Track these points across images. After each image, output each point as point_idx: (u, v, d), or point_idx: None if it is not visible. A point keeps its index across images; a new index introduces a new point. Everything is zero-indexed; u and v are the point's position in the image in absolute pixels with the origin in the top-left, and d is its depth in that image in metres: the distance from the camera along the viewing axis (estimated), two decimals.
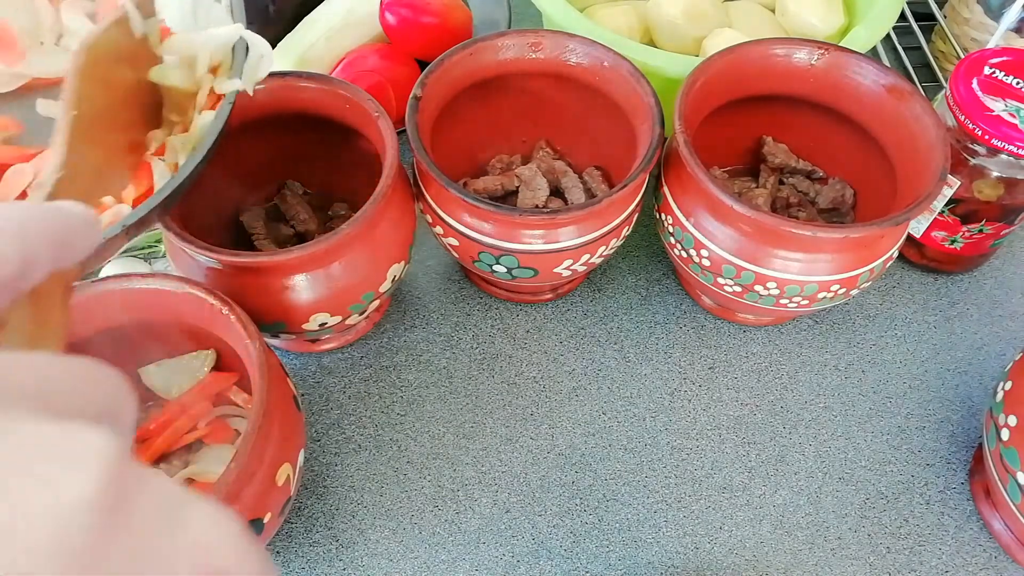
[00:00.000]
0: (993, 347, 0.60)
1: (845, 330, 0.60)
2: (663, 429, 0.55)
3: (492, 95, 0.58)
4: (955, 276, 0.63)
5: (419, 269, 0.63)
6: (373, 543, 0.51)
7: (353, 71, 0.66)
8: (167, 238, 0.49)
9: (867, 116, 0.55)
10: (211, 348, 0.50)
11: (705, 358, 0.59)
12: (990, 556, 0.51)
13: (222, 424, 0.49)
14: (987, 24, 0.72)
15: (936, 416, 0.56)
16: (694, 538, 0.51)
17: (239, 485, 0.39)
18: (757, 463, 0.54)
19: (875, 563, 0.50)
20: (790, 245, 0.48)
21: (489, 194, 0.59)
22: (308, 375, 0.57)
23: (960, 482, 0.54)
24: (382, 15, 0.67)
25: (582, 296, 0.62)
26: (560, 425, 0.55)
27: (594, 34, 0.57)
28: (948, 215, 0.57)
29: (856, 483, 0.53)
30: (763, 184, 0.61)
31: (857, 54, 0.54)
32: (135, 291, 0.45)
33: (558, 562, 0.50)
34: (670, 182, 0.53)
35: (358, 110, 0.51)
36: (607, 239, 0.52)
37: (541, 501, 0.52)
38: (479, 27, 0.71)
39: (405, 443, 0.55)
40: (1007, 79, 0.53)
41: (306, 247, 0.45)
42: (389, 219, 0.50)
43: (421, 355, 0.59)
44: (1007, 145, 0.51)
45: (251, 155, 0.55)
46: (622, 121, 0.55)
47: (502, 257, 0.51)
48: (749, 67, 0.55)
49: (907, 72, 0.77)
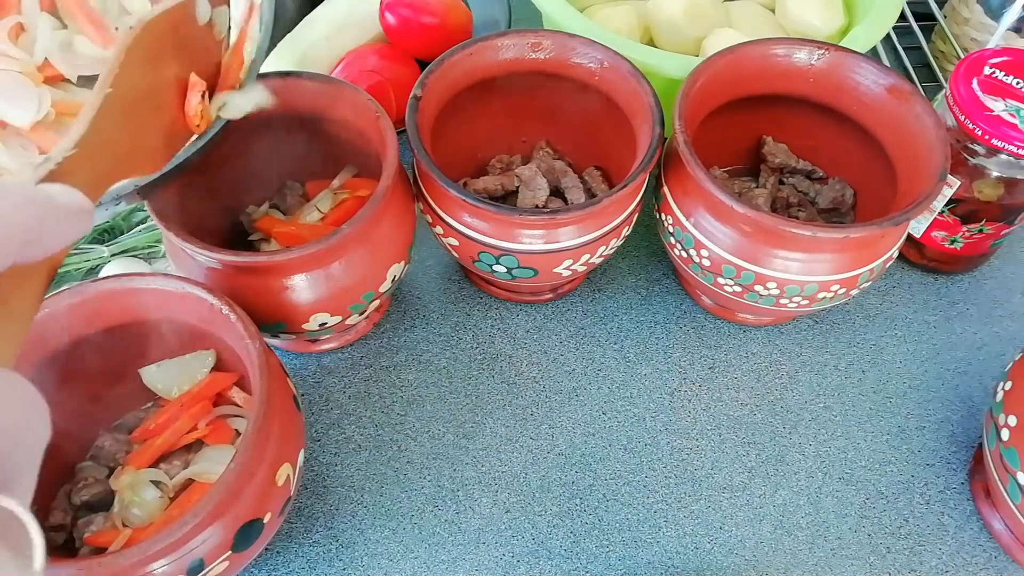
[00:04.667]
0: (993, 347, 0.60)
1: (845, 330, 0.60)
2: (663, 429, 0.55)
3: (492, 95, 0.58)
4: (955, 276, 0.63)
5: (419, 269, 0.63)
6: (373, 543, 0.51)
7: (353, 71, 0.66)
8: (167, 238, 0.49)
9: (867, 116, 0.55)
10: (211, 348, 0.50)
11: (705, 358, 0.59)
12: (990, 556, 0.51)
13: (222, 424, 0.49)
14: (987, 24, 0.72)
15: (936, 416, 0.56)
16: (694, 538, 0.51)
17: (239, 485, 0.39)
18: (757, 463, 0.54)
19: (875, 563, 0.50)
20: (790, 245, 0.48)
21: (489, 194, 0.59)
22: (308, 375, 0.57)
23: (960, 482, 0.54)
24: (382, 15, 0.67)
25: (582, 296, 0.62)
26: (560, 425, 0.55)
27: (594, 34, 0.57)
28: (948, 215, 0.57)
29: (856, 483, 0.53)
30: (763, 184, 0.61)
31: (857, 54, 0.54)
32: (135, 291, 0.45)
33: (558, 562, 0.50)
34: (670, 182, 0.53)
35: (358, 110, 0.51)
36: (607, 239, 0.52)
37: (541, 501, 0.52)
38: (479, 27, 0.71)
39: (405, 443, 0.55)
40: (1007, 79, 0.53)
41: (306, 247, 0.45)
42: (389, 219, 0.50)
43: (421, 355, 0.59)
44: (1007, 145, 0.51)
45: (251, 155, 0.55)
46: (622, 121, 0.55)
47: (502, 257, 0.51)
48: (749, 67, 0.55)
49: (907, 72, 0.77)
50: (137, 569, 0.37)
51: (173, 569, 0.38)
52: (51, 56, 0.47)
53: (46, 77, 0.47)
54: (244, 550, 0.41)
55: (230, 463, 0.39)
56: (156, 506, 0.45)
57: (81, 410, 0.48)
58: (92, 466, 0.48)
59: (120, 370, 0.49)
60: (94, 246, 0.61)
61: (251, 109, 0.41)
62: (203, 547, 0.39)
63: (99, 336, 0.46)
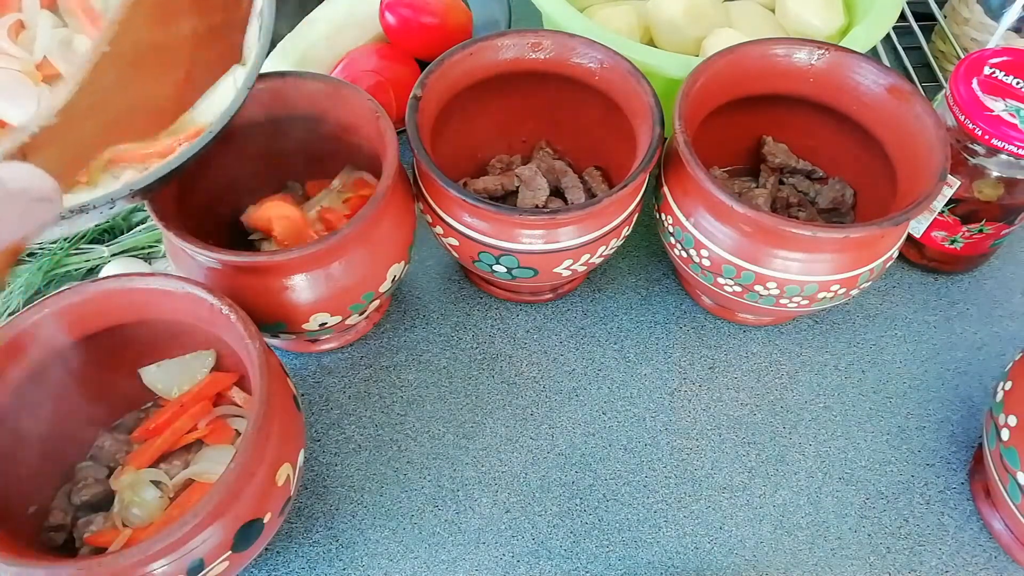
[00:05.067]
0: (993, 347, 0.60)
1: (845, 330, 0.60)
2: (663, 429, 0.55)
3: (492, 95, 0.58)
4: (955, 276, 0.63)
5: (419, 269, 0.63)
6: (373, 543, 0.51)
7: (353, 71, 0.66)
8: (167, 238, 0.49)
9: (867, 116, 0.55)
10: (211, 348, 0.50)
11: (705, 358, 0.59)
12: (990, 556, 0.51)
13: (222, 424, 0.49)
14: (987, 24, 0.72)
15: (936, 416, 0.56)
16: (694, 538, 0.51)
17: (239, 485, 0.39)
18: (757, 463, 0.54)
19: (875, 563, 0.50)
20: (790, 245, 0.48)
21: (489, 194, 0.59)
22: (308, 375, 0.57)
23: (960, 482, 0.54)
24: (382, 15, 0.67)
25: (582, 296, 0.62)
26: (560, 425, 0.55)
27: (594, 34, 0.57)
28: (948, 215, 0.57)
29: (856, 483, 0.53)
30: (763, 184, 0.61)
31: (857, 54, 0.54)
32: (135, 291, 0.45)
33: (558, 562, 0.50)
34: (670, 182, 0.53)
35: (358, 110, 0.51)
36: (607, 239, 0.52)
37: (541, 501, 0.52)
38: (479, 27, 0.71)
39: (405, 443, 0.55)
40: (1007, 79, 0.53)
41: (306, 247, 0.45)
42: (389, 219, 0.50)
43: (421, 355, 0.59)
44: (1007, 145, 0.51)
45: (251, 155, 0.55)
46: (622, 121, 0.55)
47: (502, 257, 0.51)
48: (749, 67, 0.55)
49: (907, 72, 0.77)
50: (137, 569, 0.37)
51: (173, 569, 0.38)
52: (50, 54, 0.47)
53: (45, 76, 0.47)
54: (244, 550, 0.41)
55: (230, 463, 0.39)
56: (156, 506, 0.46)
57: (81, 410, 0.48)
58: (92, 466, 0.48)
59: (120, 370, 0.49)
60: (94, 246, 0.61)
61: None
62: (203, 547, 0.39)
63: (99, 336, 0.46)
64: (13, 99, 0.45)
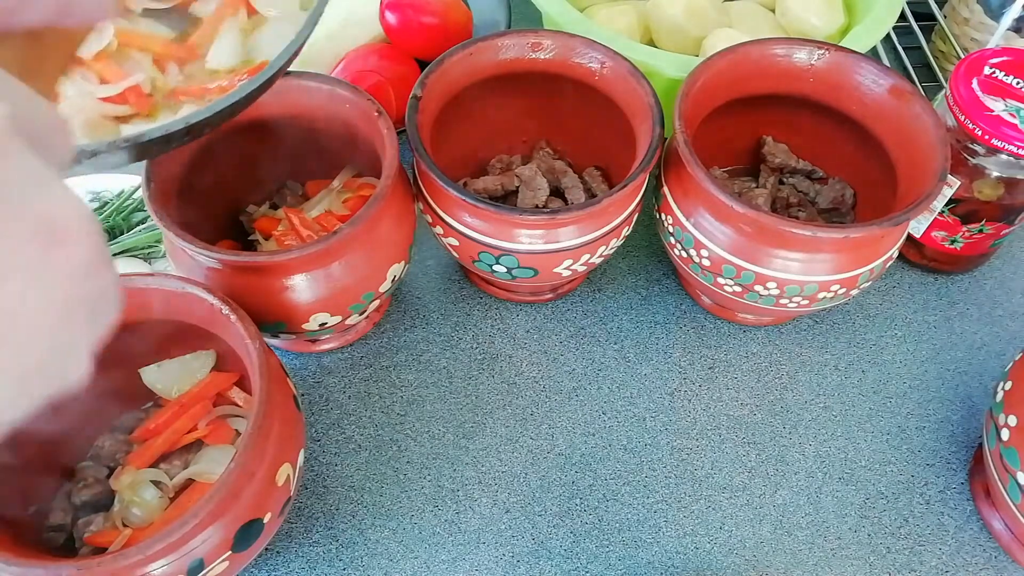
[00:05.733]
0: (993, 347, 0.60)
1: (845, 330, 0.60)
2: (663, 429, 0.55)
3: (492, 95, 0.58)
4: (955, 276, 0.63)
5: (419, 269, 0.63)
6: (373, 543, 0.51)
7: (353, 71, 0.66)
8: (167, 238, 0.49)
9: (867, 116, 0.55)
10: (211, 348, 0.50)
11: (705, 358, 0.59)
12: (990, 556, 0.51)
13: (222, 424, 0.49)
14: (987, 24, 0.72)
15: (936, 416, 0.56)
16: (694, 538, 0.51)
17: (239, 485, 0.39)
18: (757, 463, 0.54)
19: (875, 563, 0.50)
20: (790, 245, 0.48)
21: (489, 194, 0.59)
22: (308, 375, 0.57)
23: (960, 482, 0.54)
24: (382, 15, 0.67)
25: (582, 296, 0.62)
26: (560, 425, 0.55)
27: (594, 34, 0.57)
28: (948, 215, 0.57)
29: (856, 483, 0.53)
30: (763, 184, 0.61)
31: (857, 54, 0.54)
32: (135, 291, 0.45)
33: (558, 562, 0.50)
34: (670, 182, 0.53)
35: (358, 110, 0.51)
36: (607, 239, 0.52)
37: (541, 501, 0.52)
38: (479, 27, 0.70)
39: (405, 443, 0.55)
40: (1007, 79, 0.53)
41: (306, 247, 0.45)
42: (389, 219, 0.50)
43: (421, 355, 0.59)
44: (1007, 145, 0.51)
45: (251, 155, 0.55)
46: (622, 121, 0.55)
47: (502, 257, 0.51)
48: (749, 67, 0.55)
49: (907, 72, 0.77)
50: (137, 569, 0.37)
51: (173, 569, 0.38)
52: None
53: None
54: (244, 550, 0.41)
55: (230, 463, 0.39)
56: (156, 506, 0.46)
57: (81, 410, 0.48)
58: (92, 466, 0.48)
59: (120, 370, 0.49)
60: None
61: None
62: (203, 547, 0.39)
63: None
64: None
